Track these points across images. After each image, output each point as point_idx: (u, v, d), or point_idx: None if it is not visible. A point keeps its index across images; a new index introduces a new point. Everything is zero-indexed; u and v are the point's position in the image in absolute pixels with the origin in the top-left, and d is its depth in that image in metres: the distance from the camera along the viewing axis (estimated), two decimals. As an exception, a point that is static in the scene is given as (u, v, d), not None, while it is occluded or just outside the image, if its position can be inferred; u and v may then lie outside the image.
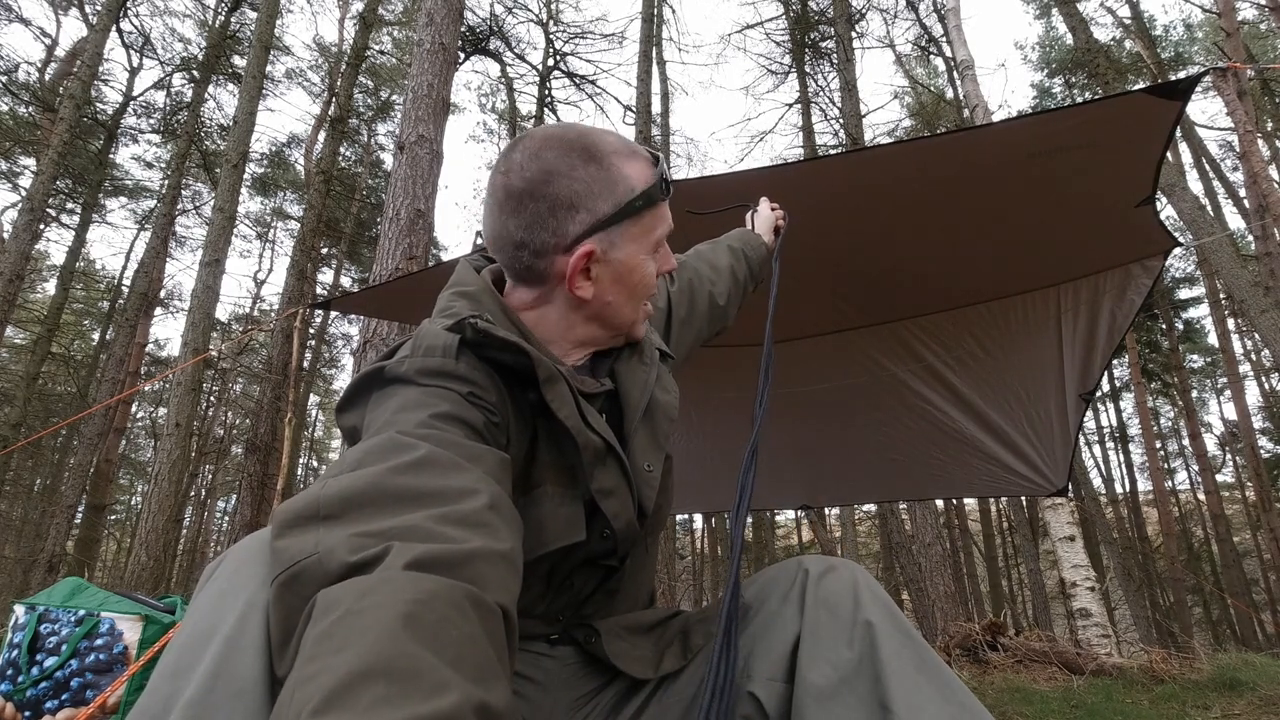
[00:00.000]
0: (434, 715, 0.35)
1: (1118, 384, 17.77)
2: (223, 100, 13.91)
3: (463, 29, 7.67)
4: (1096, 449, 19.71)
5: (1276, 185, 6.48)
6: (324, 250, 15.06)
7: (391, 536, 0.46)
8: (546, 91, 13.81)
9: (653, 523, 0.84)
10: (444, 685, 0.36)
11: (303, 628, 0.42)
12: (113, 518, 19.10)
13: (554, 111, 13.85)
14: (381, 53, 15.70)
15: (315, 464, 22.85)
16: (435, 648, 0.38)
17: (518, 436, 0.74)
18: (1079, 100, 13.20)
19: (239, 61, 12.28)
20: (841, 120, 10.69)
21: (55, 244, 16.00)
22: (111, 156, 13.49)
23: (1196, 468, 16.48)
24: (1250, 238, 10.57)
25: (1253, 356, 18.24)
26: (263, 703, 0.45)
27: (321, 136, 15.09)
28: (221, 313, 16.34)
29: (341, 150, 14.22)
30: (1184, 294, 17.07)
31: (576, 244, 0.78)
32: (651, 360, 0.92)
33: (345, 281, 17.09)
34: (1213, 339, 17.19)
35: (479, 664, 0.40)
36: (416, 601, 0.40)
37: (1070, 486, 3.69)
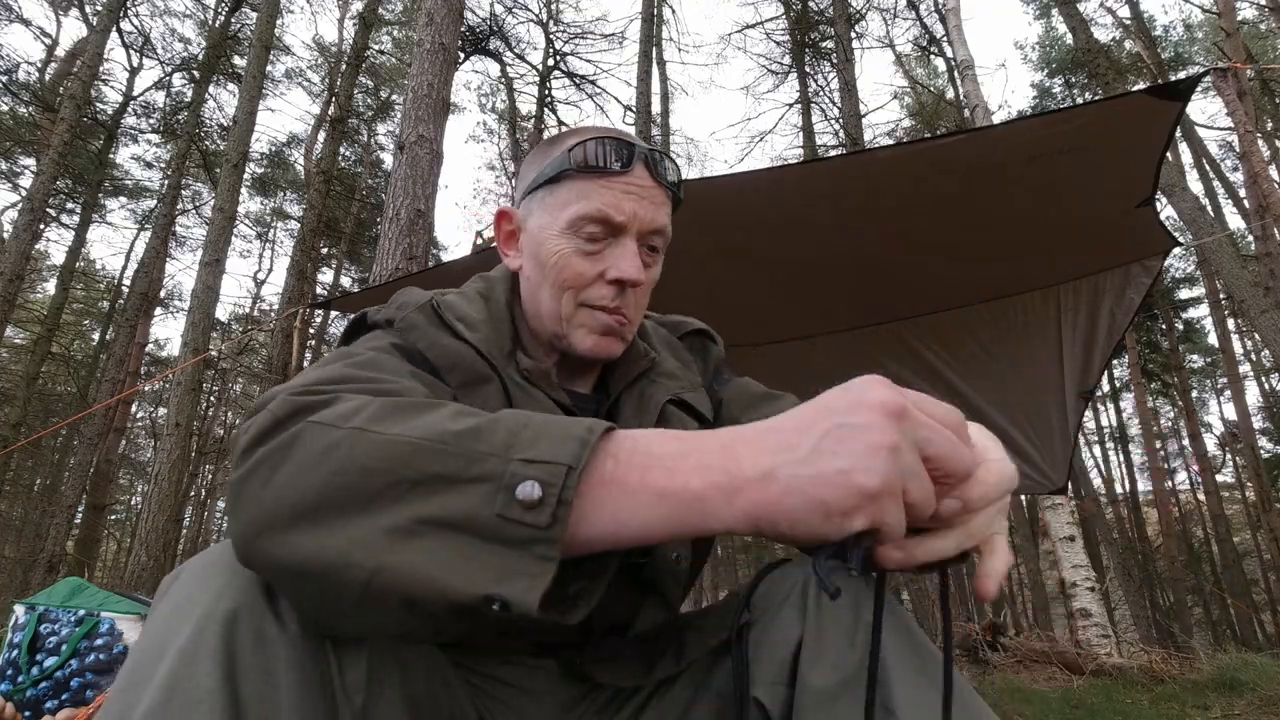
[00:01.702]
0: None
1: (1118, 384, 17.78)
2: (223, 100, 13.92)
3: (463, 29, 7.68)
4: (1096, 449, 19.74)
5: (1276, 185, 6.48)
6: (324, 250, 15.07)
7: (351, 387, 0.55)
8: (546, 91, 13.82)
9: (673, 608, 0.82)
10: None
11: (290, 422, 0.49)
12: (113, 518, 19.12)
13: (554, 111, 13.87)
14: (381, 53, 15.71)
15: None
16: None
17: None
18: (1079, 100, 13.25)
19: (239, 61, 12.29)
20: (841, 120, 10.70)
21: (55, 244, 16.04)
22: (111, 156, 13.50)
23: (1196, 468, 16.49)
24: (1250, 238, 10.58)
25: (1253, 356, 18.25)
26: (221, 711, 0.45)
27: (321, 136, 15.11)
28: (221, 313, 16.37)
29: (341, 150, 14.23)
30: (1184, 294, 17.08)
31: None
32: (653, 414, 0.82)
33: (345, 281, 17.11)
34: (1213, 339, 17.20)
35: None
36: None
37: (1070, 486, 3.70)
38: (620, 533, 0.42)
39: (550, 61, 13.83)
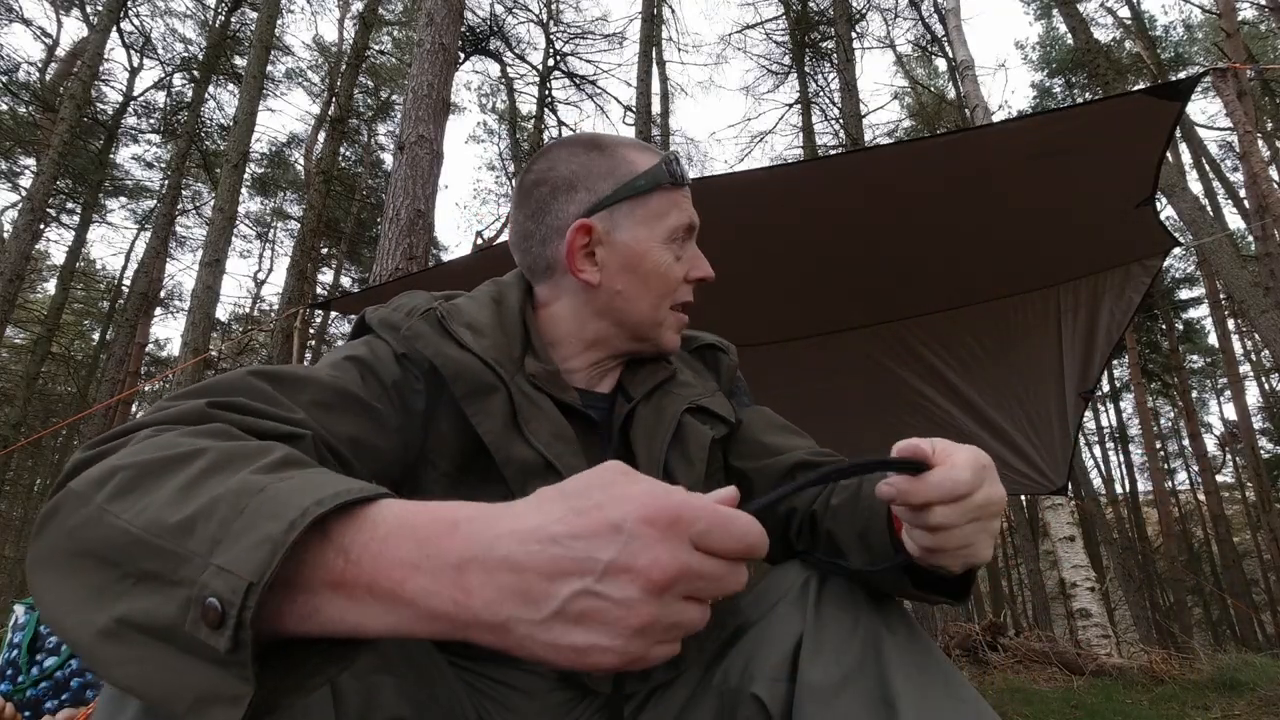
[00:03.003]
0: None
1: (1118, 384, 17.77)
2: (223, 100, 13.93)
3: (463, 29, 7.68)
4: (1096, 449, 19.72)
5: (1276, 185, 6.48)
6: (324, 250, 15.07)
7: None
8: (547, 91, 13.82)
9: None
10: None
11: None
12: (113, 518, 19.05)
13: (554, 111, 13.87)
14: (381, 53, 15.71)
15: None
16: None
17: (452, 415, 0.74)
18: (1079, 100, 13.26)
19: (239, 61, 12.29)
20: (841, 120, 10.70)
21: (55, 244, 16.01)
22: (111, 156, 13.51)
23: (1196, 468, 16.50)
24: (1250, 238, 10.58)
25: (1253, 356, 18.24)
26: None
27: (321, 136, 15.11)
28: (221, 313, 16.35)
29: (341, 150, 14.22)
30: (1184, 294, 17.08)
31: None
32: (669, 425, 0.82)
33: (345, 281, 17.11)
34: (1213, 339, 17.21)
35: None
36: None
37: (1070, 486, 3.69)
38: (362, 633, 0.38)
39: (550, 62, 13.84)
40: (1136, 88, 2.44)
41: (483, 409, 0.72)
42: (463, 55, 12.57)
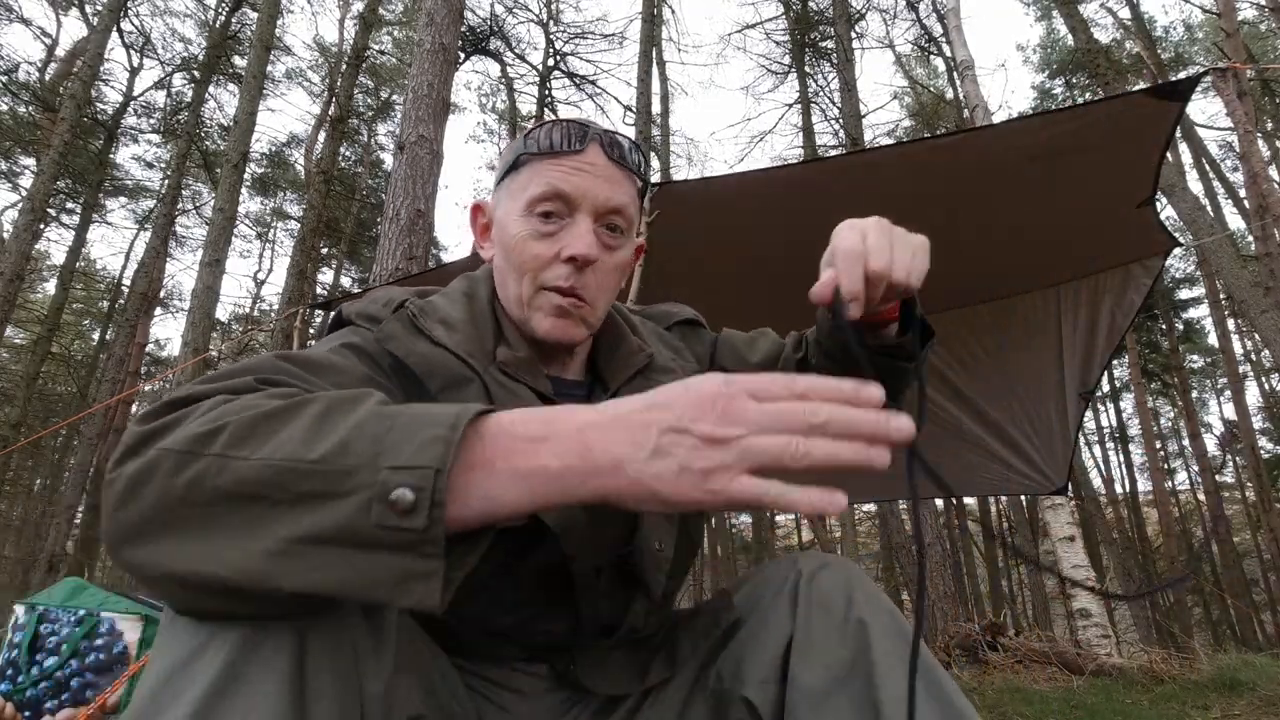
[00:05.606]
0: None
1: (1118, 384, 17.77)
2: (223, 100, 13.94)
3: (463, 29, 7.67)
4: (1096, 449, 19.72)
5: (1276, 185, 6.48)
6: (324, 250, 15.07)
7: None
8: (547, 91, 13.82)
9: (665, 594, 0.79)
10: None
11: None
12: (113, 518, 19.03)
13: (554, 111, 13.86)
14: (381, 53, 15.72)
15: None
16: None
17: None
18: (1079, 101, 13.24)
19: (239, 61, 12.30)
20: (841, 120, 10.70)
21: (55, 244, 16.02)
22: (112, 156, 13.51)
23: (1196, 468, 16.50)
24: (1250, 238, 10.58)
25: (1253, 356, 18.24)
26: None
27: (321, 136, 15.10)
28: (221, 313, 16.36)
29: (341, 150, 14.23)
30: (1184, 294, 17.08)
31: None
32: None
33: (345, 281, 17.11)
34: (1213, 339, 17.21)
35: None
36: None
37: (1070, 486, 3.69)
38: (493, 509, 0.45)
39: (550, 62, 13.84)
40: (1137, 88, 2.44)
41: (460, 400, 0.71)
42: (463, 55, 12.57)
